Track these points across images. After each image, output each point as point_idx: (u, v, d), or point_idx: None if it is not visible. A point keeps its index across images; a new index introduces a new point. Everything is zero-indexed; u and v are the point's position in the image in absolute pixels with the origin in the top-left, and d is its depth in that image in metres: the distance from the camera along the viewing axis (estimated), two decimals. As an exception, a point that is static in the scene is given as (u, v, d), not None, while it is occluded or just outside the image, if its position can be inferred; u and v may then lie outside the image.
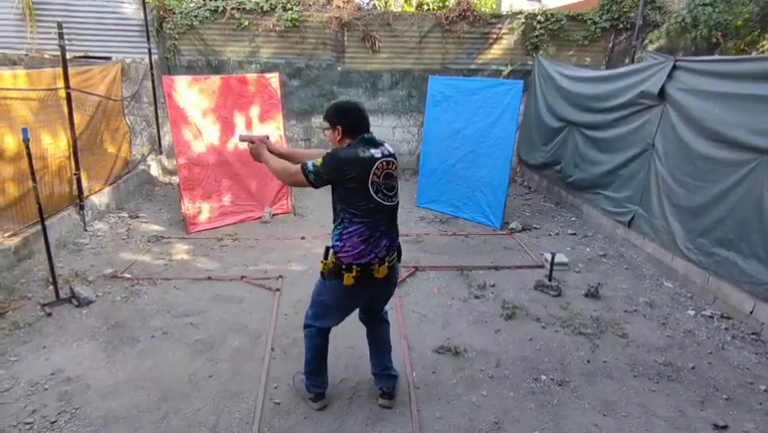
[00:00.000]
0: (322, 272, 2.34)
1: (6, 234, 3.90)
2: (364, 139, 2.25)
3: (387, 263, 2.27)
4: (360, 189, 2.17)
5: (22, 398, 2.60)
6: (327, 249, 2.29)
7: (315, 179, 2.21)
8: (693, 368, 3.02)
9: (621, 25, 7.23)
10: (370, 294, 2.40)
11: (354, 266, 2.20)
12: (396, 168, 2.32)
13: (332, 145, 2.35)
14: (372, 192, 2.17)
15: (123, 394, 2.67)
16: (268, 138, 2.60)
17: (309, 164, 2.22)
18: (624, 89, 4.85)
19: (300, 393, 2.67)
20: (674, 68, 4.19)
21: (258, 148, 2.50)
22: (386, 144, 2.32)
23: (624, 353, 3.18)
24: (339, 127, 2.28)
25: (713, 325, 3.54)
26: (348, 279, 2.22)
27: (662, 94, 4.30)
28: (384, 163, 2.23)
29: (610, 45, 7.41)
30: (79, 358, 2.96)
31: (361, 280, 2.23)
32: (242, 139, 2.74)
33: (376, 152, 2.22)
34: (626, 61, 7.09)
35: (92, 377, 2.79)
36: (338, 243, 2.24)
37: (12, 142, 3.88)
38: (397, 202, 2.32)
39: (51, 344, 3.09)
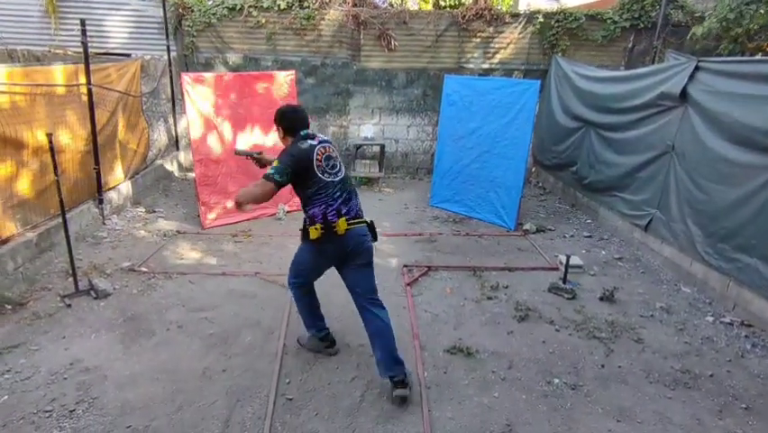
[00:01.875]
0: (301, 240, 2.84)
1: (28, 227, 4.00)
2: (302, 135, 2.74)
3: (345, 220, 2.65)
4: (310, 174, 2.65)
5: (42, 386, 2.66)
6: (305, 219, 2.78)
7: (279, 177, 2.57)
8: (711, 376, 2.96)
9: (642, 25, 7.09)
10: (338, 254, 2.73)
11: (318, 223, 2.64)
12: (333, 150, 2.80)
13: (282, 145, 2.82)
14: (319, 174, 2.66)
15: (138, 385, 2.72)
16: (261, 153, 3.13)
17: (269, 170, 2.59)
18: (643, 90, 4.76)
19: (313, 348, 3.07)
20: (697, 68, 4.09)
21: (262, 160, 3.08)
22: (319, 135, 2.81)
23: (639, 358, 3.13)
24: (280, 128, 2.80)
25: (733, 332, 3.46)
26: (313, 232, 2.64)
27: (683, 95, 4.22)
28: (322, 149, 2.72)
29: (630, 45, 7.28)
30: (97, 349, 3.02)
31: (325, 236, 2.64)
32: (238, 153, 3.15)
33: (313, 142, 2.72)
34: (647, 61, 6.96)
35: (109, 368, 2.85)
36: (307, 219, 2.73)
37: (35, 137, 3.97)
38: (343, 176, 2.76)
39: (70, 334, 3.16)
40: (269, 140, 5.53)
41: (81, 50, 4.59)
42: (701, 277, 4.04)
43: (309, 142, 2.71)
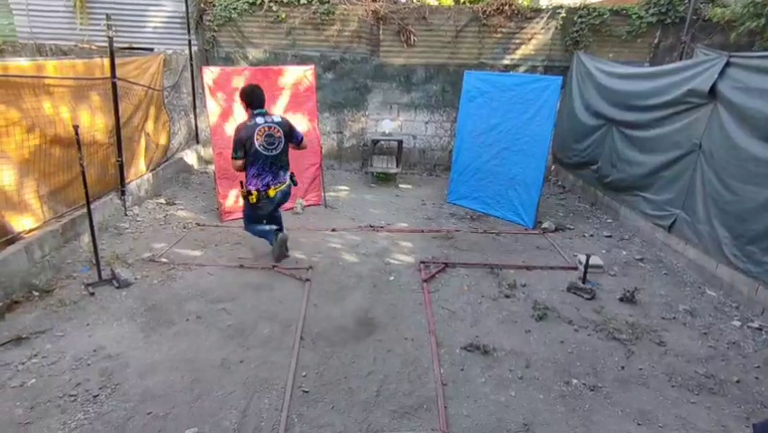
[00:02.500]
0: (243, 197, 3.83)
1: (55, 216, 4.10)
2: (256, 113, 3.56)
3: (274, 188, 3.72)
4: (251, 145, 3.51)
5: (68, 371, 2.74)
6: (241, 183, 3.72)
7: (236, 154, 3.56)
8: (738, 382, 2.87)
9: (669, 20, 6.89)
10: (271, 207, 3.89)
11: (254, 191, 3.65)
12: (278, 130, 3.60)
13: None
14: (257, 146, 3.49)
15: (159, 374, 2.77)
16: None
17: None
18: (670, 87, 4.63)
19: (277, 254, 4.12)
20: (728, 64, 3.96)
21: None
22: (274, 116, 3.61)
23: (661, 361, 3.06)
24: (243, 103, 3.65)
25: (761, 337, 3.35)
26: (252, 198, 3.71)
27: (712, 92, 4.09)
28: (266, 128, 3.53)
29: (656, 41, 7.07)
30: (119, 337, 3.09)
31: (260, 200, 3.69)
32: None
33: (260, 120, 3.53)
34: (674, 58, 6.77)
35: (131, 356, 2.91)
36: (246, 179, 3.69)
37: (62, 130, 4.06)
38: (278, 153, 3.60)
39: (94, 322, 3.24)
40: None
41: (106, 44, 4.68)
42: (728, 280, 3.92)
43: (257, 120, 3.54)
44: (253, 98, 3.55)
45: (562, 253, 4.69)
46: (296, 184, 3.91)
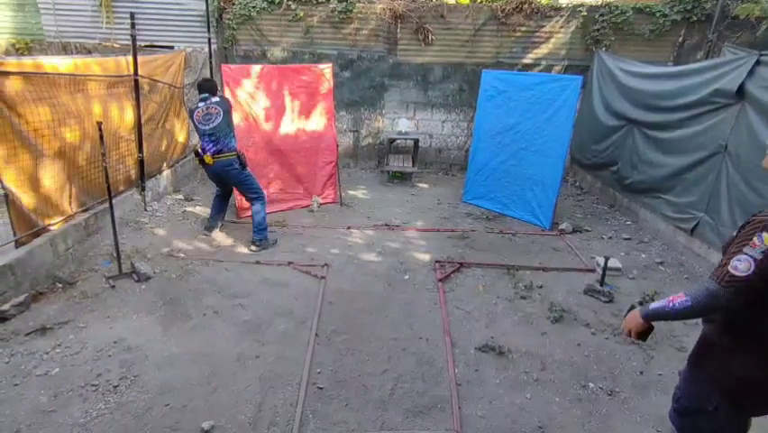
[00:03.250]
0: None
1: (80, 210, 4.20)
2: (200, 98, 4.36)
3: (210, 155, 4.29)
4: (193, 121, 4.33)
5: (90, 361, 2.81)
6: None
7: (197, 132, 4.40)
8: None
9: (694, 18, 6.72)
10: (212, 176, 4.59)
11: (197, 156, 4.44)
12: (216, 108, 4.27)
13: None
14: (196, 122, 4.28)
15: (176, 366, 2.82)
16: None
17: None
18: (695, 87, 4.52)
19: (208, 227, 4.76)
20: (757, 63, 3.84)
21: None
22: (211, 98, 4.32)
23: (681, 367, 2.98)
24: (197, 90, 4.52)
25: (785, 345, 3.25)
26: (196, 161, 4.67)
27: (740, 92, 3.97)
28: (204, 108, 4.27)
29: (680, 39, 6.91)
30: (139, 329, 3.16)
31: (201, 164, 4.45)
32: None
33: (201, 104, 4.29)
34: (700, 57, 6.59)
35: (149, 348, 2.97)
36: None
37: (88, 125, 4.16)
38: (214, 126, 4.22)
39: (114, 314, 3.31)
40: (308, 130, 5.60)
41: (129, 42, 4.77)
42: (752, 285, 3.80)
43: (199, 104, 4.31)
44: (201, 88, 4.40)
45: (580, 254, 4.62)
46: (244, 167, 4.40)
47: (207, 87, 4.41)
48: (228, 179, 4.46)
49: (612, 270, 4.07)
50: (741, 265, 1.46)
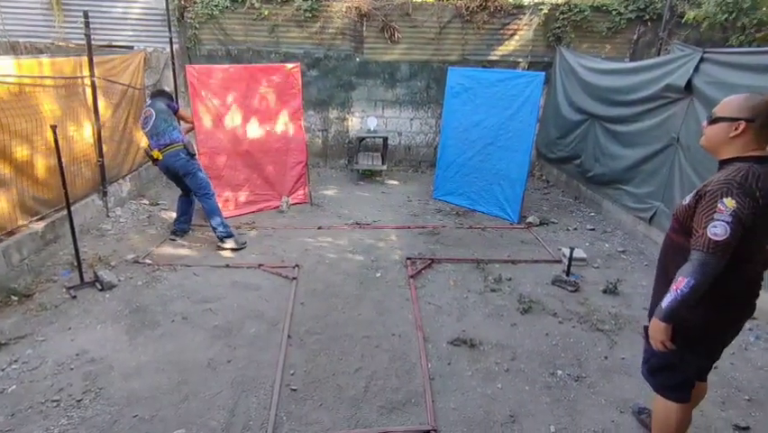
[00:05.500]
0: None
1: (35, 219, 4.01)
2: (148, 103, 4.55)
3: (158, 151, 4.35)
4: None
5: (50, 376, 2.69)
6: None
7: None
8: (715, 368, 2.95)
9: (647, 16, 7.02)
10: (165, 171, 4.54)
11: (146, 156, 4.55)
12: (151, 112, 4.38)
13: None
14: (141, 124, 4.48)
15: (144, 376, 2.74)
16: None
17: None
18: (648, 82, 4.72)
19: (176, 233, 4.74)
20: (702, 60, 4.06)
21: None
22: (153, 102, 4.45)
23: (643, 350, 3.12)
24: None
25: (736, 324, 3.45)
26: (149, 160, 4.56)
27: (688, 87, 4.18)
28: (146, 111, 4.44)
29: (635, 37, 7.21)
30: (103, 340, 3.05)
31: (151, 161, 4.48)
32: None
33: (148, 107, 4.45)
34: (653, 53, 6.90)
35: (115, 359, 2.87)
36: None
37: (40, 130, 3.97)
38: (151, 125, 4.34)
39: (76, 325, 3.19)
40: (277, 130, 5.53)
41: (84, 42, 4.58)
42: (705, 270, 4.02)
43: (147, 107, 4.48)
44: (151, 95, 4.69)
45: (547, 246, 4.76)
46: (193, 157, 4.45)
47: (154, 93, 4.69)
48: (177, 170, 4.44)
49: (577, 260, 4.21)
50: (719, 231, 1.63)
